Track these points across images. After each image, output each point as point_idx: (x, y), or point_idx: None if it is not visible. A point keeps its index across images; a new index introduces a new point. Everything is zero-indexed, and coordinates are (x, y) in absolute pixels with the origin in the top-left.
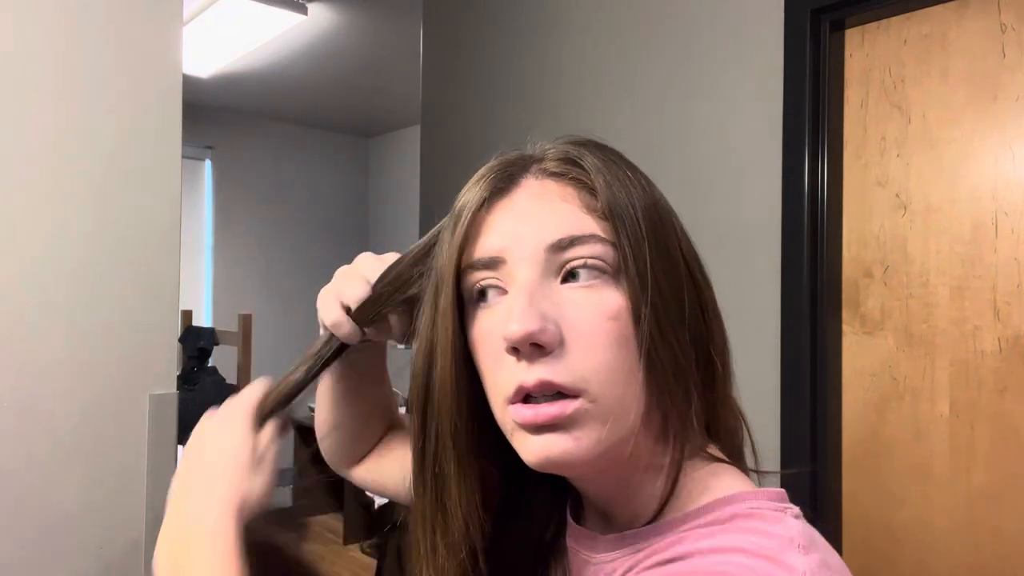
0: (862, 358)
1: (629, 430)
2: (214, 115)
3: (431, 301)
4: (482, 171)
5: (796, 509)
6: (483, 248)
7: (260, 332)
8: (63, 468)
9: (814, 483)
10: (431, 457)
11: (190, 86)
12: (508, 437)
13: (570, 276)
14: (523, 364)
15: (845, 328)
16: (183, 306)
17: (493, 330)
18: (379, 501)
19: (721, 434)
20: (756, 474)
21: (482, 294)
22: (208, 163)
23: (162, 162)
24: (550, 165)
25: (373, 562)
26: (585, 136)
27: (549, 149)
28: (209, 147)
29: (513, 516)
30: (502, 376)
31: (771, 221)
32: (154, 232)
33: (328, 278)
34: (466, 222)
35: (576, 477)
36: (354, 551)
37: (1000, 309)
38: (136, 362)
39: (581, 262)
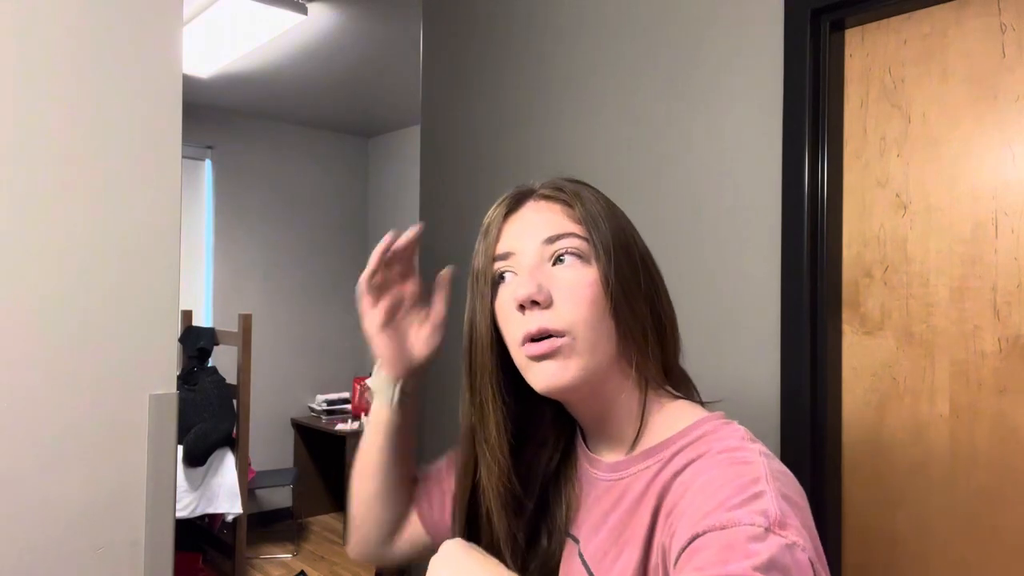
0: (862, 358)
1: (604, 360)
2: (214, 115)
3: (472, 286)
4: (501, 198)
5: (731, 420)
6: (502, 246)
7: (260, 332)
8: (63, 468)
9: (814, 483)
10: (476, 391)
11: (190, 86)
12: (523, 372)
13: (558, 261)
14: (527, 317)
15: (845, 328)
16: (183, 306)
17: (508, 298)
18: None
19: (676, 379)
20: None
21: (501, 277)
22: (208, 163)
23: (162, 162)
24: (545, 192)
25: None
26: (571, 176)
27: (545, 183)
28: (209, 147)
29: (529, 443)
30: (514, 327)
31: (771, 221)
32: (154, 232)
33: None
34: (493, 232)
35: (571, 404)
36: None
37: (1000, 309)
38: (136, 362)
39: (564, 250)
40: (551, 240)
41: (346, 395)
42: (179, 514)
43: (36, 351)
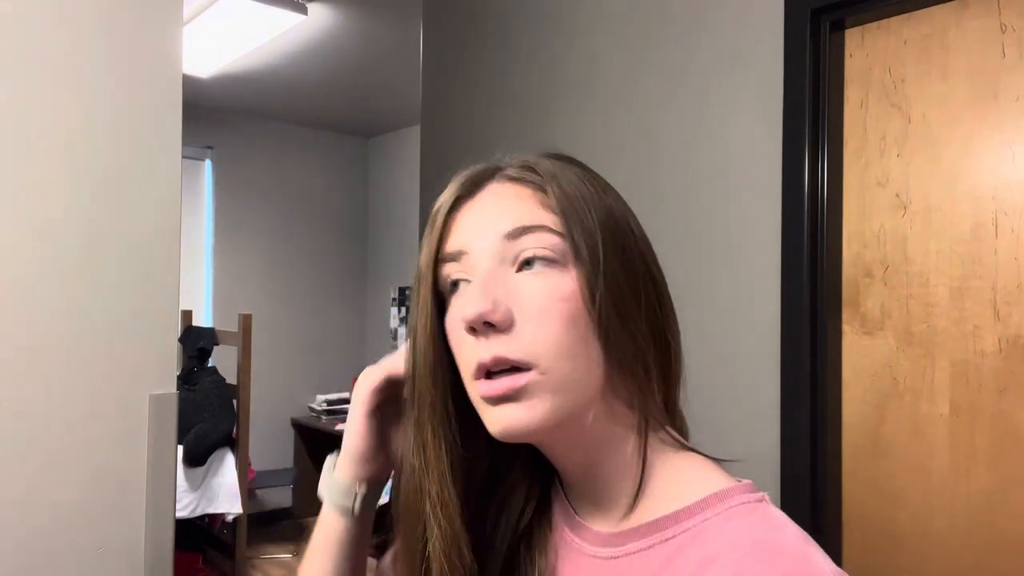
0: (862, 358)
1: (584, 400)
2: (214, 115)
3: (415, 293)
4: (454, 178)
5: (766, 495)
6: (451, 243)
7: (260, 332)
8: (63, 468)
9: (814, 483)
10: (419, 428)
11: (190, 86)
12: (479, 412)
13: (525, 265)
14: (481, 342)
15: (845, 328)
16: (183, 306)
17: (457, 316)
18: (380, 501)
19: (676, 421)
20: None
21: (455, 285)
22: (208, 163)
23: (162, 162)
24: (511, 171)
25: (375, 562)
26: (555, 150)
27: (512, 159)
28: (209, 147)
29: (494, 495)
30: (465, 354)
31: (771, 221)
32: (154, 232)
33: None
34: (439, 222)
35: (546, 448)
36: None
37: (1000, 309)
38: (136, 362)
39: (531, 252)
40: (514, 235)
41: (346, 395)
42: (179, 514)
43: (36, 351)
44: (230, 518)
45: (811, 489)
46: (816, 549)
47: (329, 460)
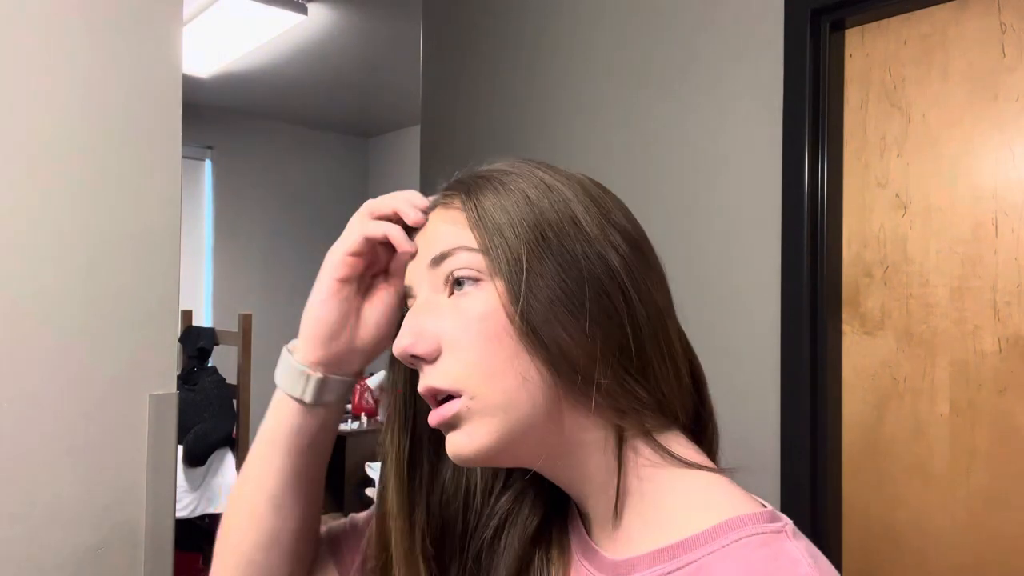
0: (862, 358)
1: (529, 418)
2: (214, 115)
3: None
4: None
5: (790, 524)
6: (406, 279)
7: (260, 332)
8: (63, 468)
9: (814, 483)
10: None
11: (190, 86)
12: None
13: (457, 286)
14: (421, 374)
15: (845, 328)
16: (183, 306)
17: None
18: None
19: (679, 412)
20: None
21: None
22: (208, 163)
23: (162, 162)
24: (440, 196)
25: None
26: (517, 158)
27: (457, 175)
28: (209, 147)
29: (496, 503)
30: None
31: (771, 221)
32: (154, 232)
33: None
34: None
35: (535, 468)
36: None
37: (1000, 309)
38: (136, 362)
39: (457, 274)
40: (435, 262)
41: None
42: (179, 514)
43: (36, 351)
44: None
45: (811, 489)
46: None
47: (289, 344)
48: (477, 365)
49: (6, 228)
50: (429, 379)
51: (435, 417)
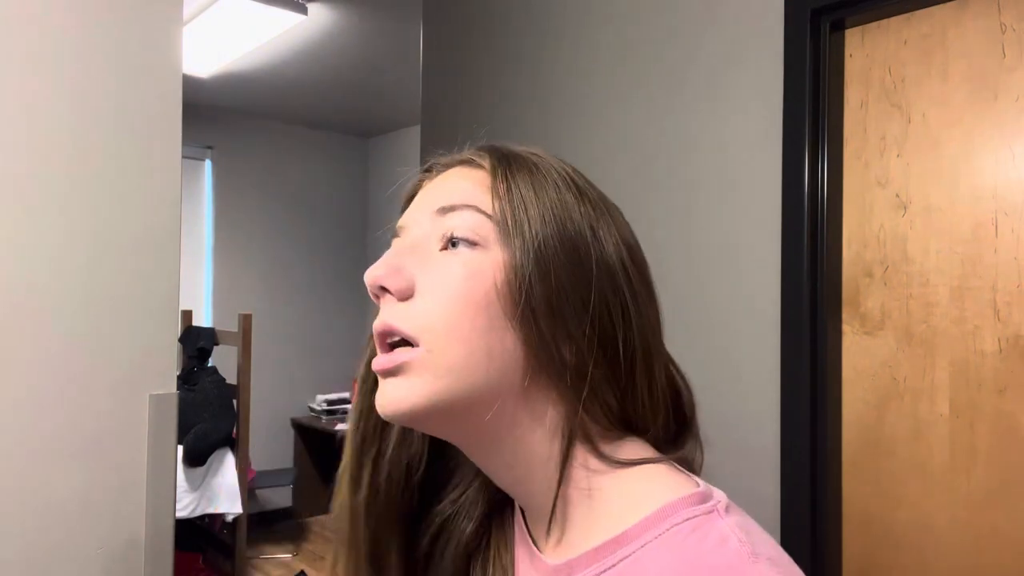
0: (862, 358)
1: (478, 393)
2: (214, 115)
3: None
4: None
5: (723, 501)
6: (402, 219)
7: (260, 332)
8: (63, 468)
9: (814, 483)
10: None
11: (190, 86)
12: None
13: (451, 245)
14: (381, 310)
15: (845, 328)
16: (183, 306)
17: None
18: None
19: (649, 427)
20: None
21: None
22: (208, 163)
23: (162, 162)
24: (469, 153)
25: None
26: (541, 148)
27: (483, 144)
28: (209, 147)
29: (440, 500)
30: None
31: (771, 221)
32: (154, 232)
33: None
34: (403, 202)
35: (463, 447)
36: None
37: (1000, 309)
38: (136, 362)
39: (456, 232)
40: (442, 212)
41: (346, 395)
42: (179, 514)
43: (36, 351)
44: (230, 518)
45: (811, 489)
46: (769, 566)
47: None
48: (446, 320)
49: (6, 228)
50: (390, 317)
51: (383, 361)
